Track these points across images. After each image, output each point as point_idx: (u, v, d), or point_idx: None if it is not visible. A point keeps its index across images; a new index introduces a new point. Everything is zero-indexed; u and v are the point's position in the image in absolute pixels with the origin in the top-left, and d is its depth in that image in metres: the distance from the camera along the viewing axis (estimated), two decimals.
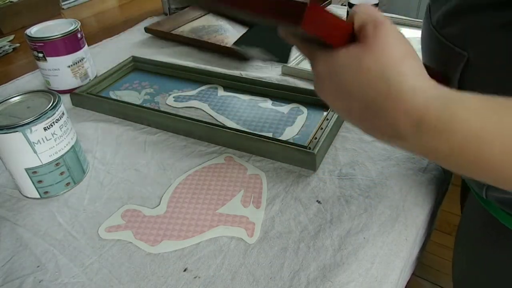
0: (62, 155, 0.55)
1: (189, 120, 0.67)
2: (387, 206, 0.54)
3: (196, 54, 0.95)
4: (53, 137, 0.53)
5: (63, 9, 1.33)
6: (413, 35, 0.94)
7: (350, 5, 0.90)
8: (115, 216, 0.54)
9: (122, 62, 0.87)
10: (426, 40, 0.48)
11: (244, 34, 0.44)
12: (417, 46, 0.93)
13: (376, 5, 0.90)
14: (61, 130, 0.54)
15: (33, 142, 0.52)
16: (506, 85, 0.38)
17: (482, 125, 0.27)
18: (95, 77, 0.85)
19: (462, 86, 0.43)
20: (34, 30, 0.79)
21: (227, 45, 0.95)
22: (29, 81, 0.90)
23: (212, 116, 0.72)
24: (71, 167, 0.57)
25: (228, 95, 0.78)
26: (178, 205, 0.55)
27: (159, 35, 1.04)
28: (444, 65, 0.44)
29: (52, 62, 0.79)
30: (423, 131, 0.28)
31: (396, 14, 1.07)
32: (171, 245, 0.49)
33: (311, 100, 0.73)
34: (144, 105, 0.75)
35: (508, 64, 0.37)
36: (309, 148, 0.59)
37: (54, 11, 1.27)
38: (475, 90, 0.31)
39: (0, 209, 0.56)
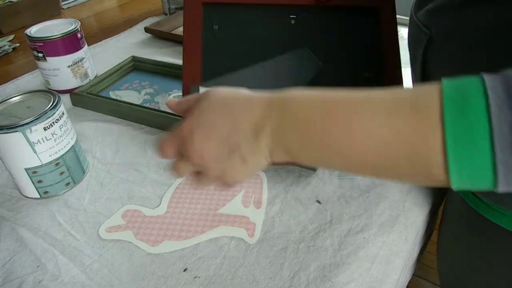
0: (62, 155, 0.55)
1: None
2: (387, 206, 0.54)
3: None
4: (53, 137, 0.53)
5: (63, 9, 1.33)
6: None
7: None
8: (115, 216, 0.54)
9: (122, 62, 0.87)
10: (409, 26, 0.53)
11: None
12: None
13: None
14: (61, 130, 0.54)
15: (33, 142, 0.52)
16: (462, 60, 0.42)
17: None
18: (95, 77, 0.85)
19: (425, 61, 0.48)
20: (34, 30, 0.79)
21: None
22: (29, 81, 0.90)
23: None
24: (71, 167, 0.57)
25: None
26: (179, 205, 0.55)
27: (159, 35, 1.04)
28: (414, 44, 0.50)
29: (52, 62, 0.79)
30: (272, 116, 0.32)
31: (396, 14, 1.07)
32: (172, 245, 0.49)
33: None
34: (144, 105, 0.75)
35: (463, 41, 0.41)
36: None
37: (54, 11, 1.27)
38: (436, 65, 0.39)
39: (0, 209, 0.56)
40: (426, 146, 0.27)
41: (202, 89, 0.43)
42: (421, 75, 0.51)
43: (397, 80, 0.51)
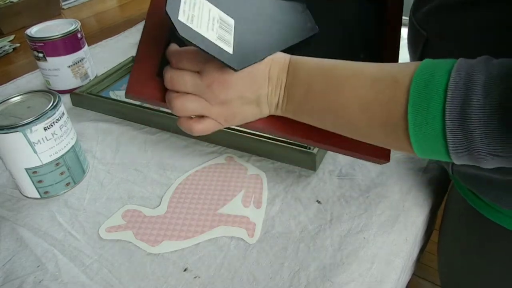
0: (62, 155, 0.55)
1: None
2: (387, 206, 0.54)
3: None
4: (53, 137, 0.53)
5: (63, 9, 1.33)
6: None
7: None
8: (115, 216, 0.54)
9: (122, 62, 0.87)
10: (408, 28, 0.54)
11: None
12: None
13: None
14: (61, 130, 0.54)
15: (33, 142, 0.52)
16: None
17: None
18: (95, 77, 0.85)
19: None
20: (34, 30, 0.79)
21: None
22: (29, 81, 0.90)
23: None
24: (71, 167, 0.57)
25: None
26: (179, 205, 0.55)
27: None
28: (412, 45, 0.51)
29: (52, 62, 0.79)
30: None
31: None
32: (172, 245, 0.49)
33: None
34: (143, 105, 0.75)
35: (459, 42, 0.42)
36: (309, 148, 0.59)
37: (54, 11, 1.27)
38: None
39: (0, 209, 0.56)
40: (396, 112, 0.31)
41: None
42: None
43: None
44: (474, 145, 0.28)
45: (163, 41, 0.43)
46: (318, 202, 0.55)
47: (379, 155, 0.44)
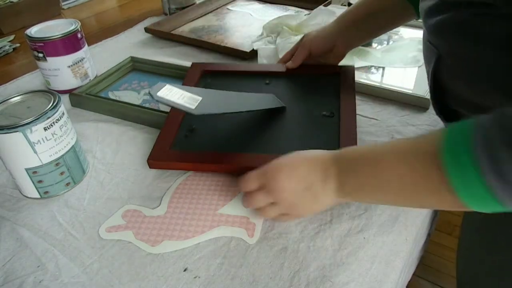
0: (62, 155, 0.55)
1: None
2: (387, 206, 0.54)
3: (196, 54, 0.95)
4: (53, 137, 0.53)
5: (63, 9, 1.33)
6: (413, 35, 0.94)
7: (350, 5, 0.90)
8: (115, 216, 0.54)
9: (121, 62, 0.87)
10: (422, 41, 0.55)
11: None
12: (418, 46, 0.92)
13: None
14: (61, 130, 0.54)
15: (33, 142, 0.52)
16: (469, 77, 0.45)
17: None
18: (94, 77, 0.85)
19: (436, 77, 0.50)
20: (34, 30, 0.79)
21: (227, 45, 0.95)
22: (29, 81, 0.90)
23: None
24: (71, 167, 0.57)
25: None
26: (179, 205, 0.55)
27: (159, 35, 1.04)
28: (426, 60, 0.54)
29: (52, 62, 0.79)
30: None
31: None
32: (172, 245, 0.49)
33: None
34: (143, 105, 0.75)
35: (471, 58, 0.44)
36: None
37: (54, 11, 1.27)
38: (446, 81, 0.47)
39: (0, 209, 0.56)
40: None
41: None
42: (434, 90, 0.52)
43: (351, 119, 0.61)
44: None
45: (178, 123, 0.63)
46: None
47: None
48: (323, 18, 0.90)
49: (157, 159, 0.58)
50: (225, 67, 0.78)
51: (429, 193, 0.37)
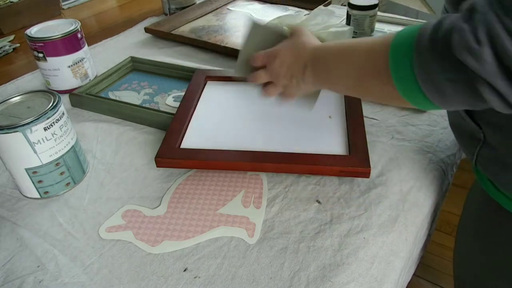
0: (62, 155, 0.55)
1: None
2: (387, 206, 0.54)
3: (196, 54, 0.95)
4: (53, 137, 0.53)
5: (63, 9, 1.33)
6: None
7: (350, 5, 0.90)
8: (115, 216, 0.54)
9: (121, 62, 0.87)
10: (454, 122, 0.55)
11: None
12: None
13: (376, 5, 0.90)
14: (61, 130, 0.54)
15: (33, 142, 0.52)
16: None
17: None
18: (94, 78, 0.85)
19: (477, 162, 0.50)
20: (34, 30, 0.79)
21: (227, 45, 0.95)
22: (29, 81, 0.90)
23: None
24: (71, 167, 0.57)
25: None
26: (179, 205, 0.55)
27: (159, 35, 1.04)
28: (464, 145, 0.53)
29: (52, 62, 0.79)
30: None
31: (396, 14, 1.07)
32: (172, 245, 0.49)
33: None
34: (143, 105, 0.75)
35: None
36: None
37: (54, 11, 1.27)
38: (490, 167, 0.48)
39: (0, 209, 0.56)
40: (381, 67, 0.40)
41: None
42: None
43: (359, 122, 0.63)
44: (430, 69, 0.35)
45: (185, 122, 0.64)
46: (318, 202, 0.55)
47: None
48: (323, 18, 0.90)
49: (165, 157, 0.57)
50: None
51: (376, 83, 0.42)
